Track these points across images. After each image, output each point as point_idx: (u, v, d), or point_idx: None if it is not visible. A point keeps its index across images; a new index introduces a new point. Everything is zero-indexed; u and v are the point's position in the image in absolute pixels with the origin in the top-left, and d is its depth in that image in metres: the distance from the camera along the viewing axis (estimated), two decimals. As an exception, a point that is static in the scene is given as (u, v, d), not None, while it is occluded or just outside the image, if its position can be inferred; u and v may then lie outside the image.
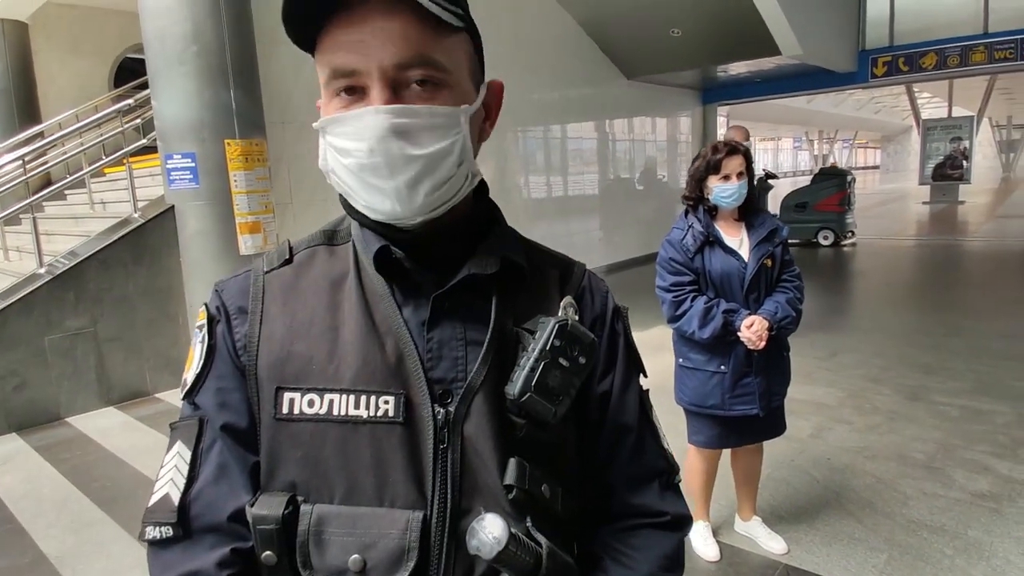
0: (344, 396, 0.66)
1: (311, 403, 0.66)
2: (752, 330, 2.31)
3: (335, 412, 0.66)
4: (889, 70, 9.55)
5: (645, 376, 0.83)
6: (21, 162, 5.69)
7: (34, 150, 5.94)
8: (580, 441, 0.75)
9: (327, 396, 0.66)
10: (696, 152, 2.62)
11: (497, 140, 7.85)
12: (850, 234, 11.25)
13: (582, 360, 0.69)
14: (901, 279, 8.81)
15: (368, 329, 0.68)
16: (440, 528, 0.65)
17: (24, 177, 5.69)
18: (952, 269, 9.23)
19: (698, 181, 2.43)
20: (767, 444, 2.67)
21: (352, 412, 0.66)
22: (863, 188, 27.00)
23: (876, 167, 49.93)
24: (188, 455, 0.69)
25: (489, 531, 0.62)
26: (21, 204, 5.26)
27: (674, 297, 2.40)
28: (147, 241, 4.90)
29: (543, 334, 0.68)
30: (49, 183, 6.33)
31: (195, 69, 4.41)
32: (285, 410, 0.67)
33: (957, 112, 18.77)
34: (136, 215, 4.98)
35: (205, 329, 0.72)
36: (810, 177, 12.48)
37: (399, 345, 0.68)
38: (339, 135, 0.64)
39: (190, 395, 0.71)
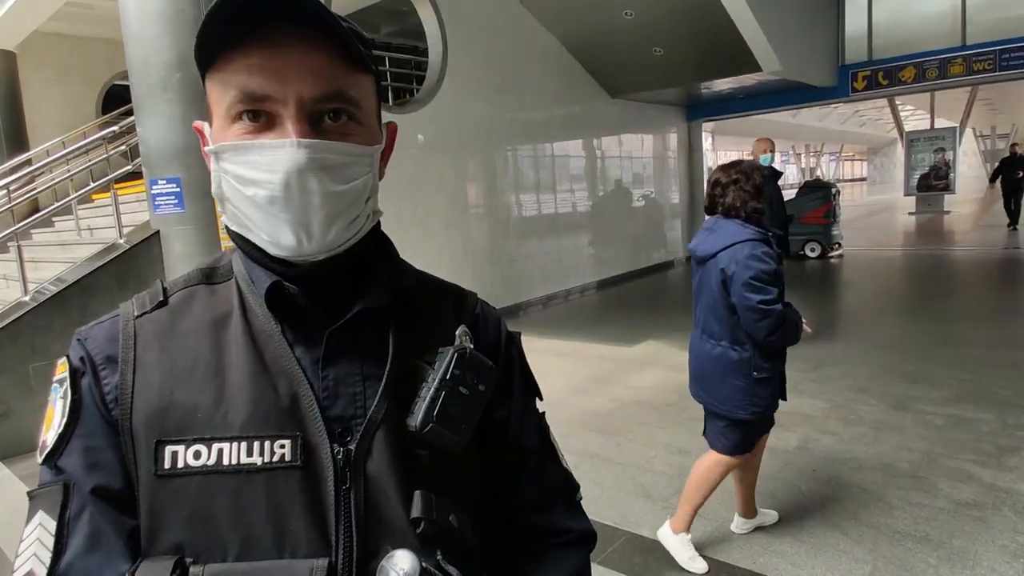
0: (235, 444, 0.61)
1: (197, 455, 0.61)
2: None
3: (225, 462, 0.61)
4: (869, 84, 9.69)
5: (541, 399, 0.84)
6: (7, 190, 5.70)
7: (21, 177, 5.96)
8: (483, 468, 0.74)
9: (215, 445, 0.61)
10: (686, 166, 2.67)
11: (484, 159, 7.92)
12: (837, 246, 11.32)
13: (482, 387, 0.69)
14: (886, 289, 8.86)
15: (258, 370, 0.64)
16: (347, 573, 0.62)
17: (10, 205, 5.70)
18: (937, 279, 9.30)
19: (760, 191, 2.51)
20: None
21: (245, 460, 0.61)
22: (851, 200, 27.24)
23: (863, 179, 50.43)
24: (53, 526, 0.61)
25: (400, 568, 0.60)
26: (7, 232, 5.26)
27: (780, 308, 2.39)
28: (133, 266, 4.90)
29: (442, 363, 0.67)
30: (36, 210, 6.34)
31: (179, 95, 4.44)
32: (167, 465, 0.61)
33: (940, 123, 19.01)
34: (122, 241, 4.99)
35: (67, 383, 0.65)
36: (796, 190, 12.59)
37: (292, 385, 0.64)
38: (243, 164, 0.62)
39: (51, 458, 0.64)
